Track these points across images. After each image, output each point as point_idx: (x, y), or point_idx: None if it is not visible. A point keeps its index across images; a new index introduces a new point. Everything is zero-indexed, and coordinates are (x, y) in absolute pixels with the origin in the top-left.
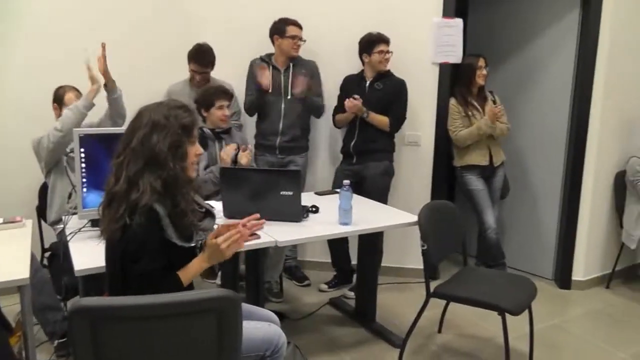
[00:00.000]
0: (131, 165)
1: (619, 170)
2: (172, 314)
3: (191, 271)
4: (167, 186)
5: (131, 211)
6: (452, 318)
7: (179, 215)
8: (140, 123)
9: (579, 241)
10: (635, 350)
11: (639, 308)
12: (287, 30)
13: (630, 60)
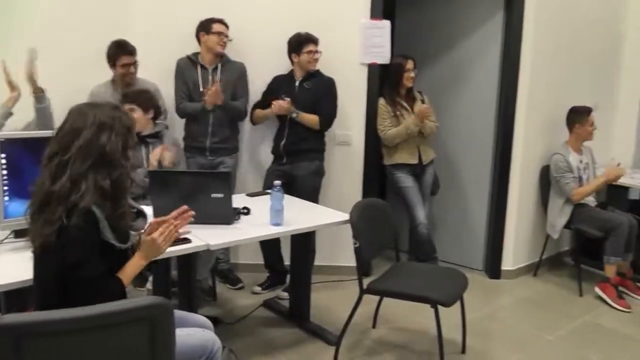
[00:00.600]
0: (77, 164)
1: (543, 166)
2: (101, 325)
3: (130, 272)
4: (115, 187)
5: (69, 213)
6: (386, 313)
7: (119, 217)
8: (85, 122)
9: (507, 233)
10: (562, 333)
11: (563, 293)
12: (212, 27)
13: (552, 62)
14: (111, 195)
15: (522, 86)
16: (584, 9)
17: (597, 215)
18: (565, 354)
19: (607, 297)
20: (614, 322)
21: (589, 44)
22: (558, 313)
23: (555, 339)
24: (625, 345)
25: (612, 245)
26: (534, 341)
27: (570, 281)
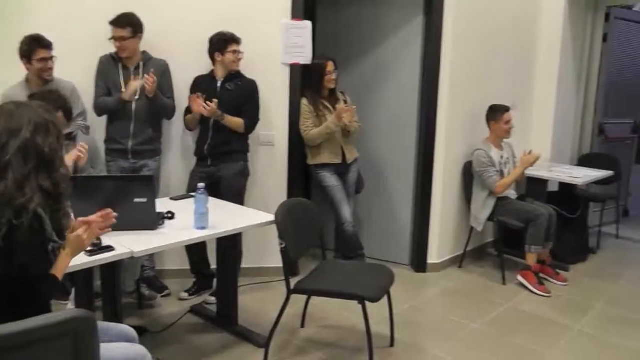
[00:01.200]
0: (19, 166)
1: (466, 161)
2: (20, 344)
3: (61, 268)
4: (57, 188)
5: (16, 215)
6: (315, 312)
7: (62, 217)
8: (20, 123)
9: (432, 227)
10: (486, 320)
11: (488, 282)
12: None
13: (472, 63)
14: (54, 196)
15: (443, 86)
16: (501, 11)
17: (518, 207)
18: (490, 340)
19: (528, 284)
20: (535, 307)
21: (507, 45)
22: (483, 301)
23: (481, 325)
24: (546, 327)
25: (533, 235)
26: (460, 329)
27: (494, 271)
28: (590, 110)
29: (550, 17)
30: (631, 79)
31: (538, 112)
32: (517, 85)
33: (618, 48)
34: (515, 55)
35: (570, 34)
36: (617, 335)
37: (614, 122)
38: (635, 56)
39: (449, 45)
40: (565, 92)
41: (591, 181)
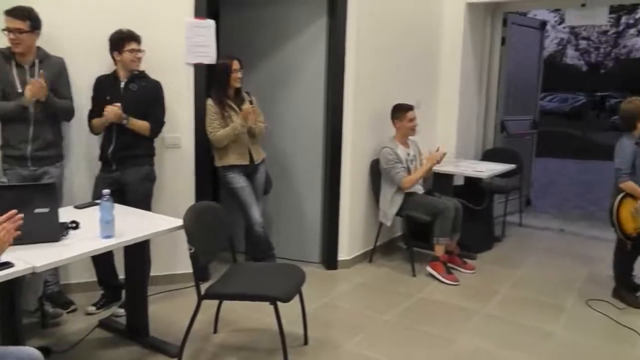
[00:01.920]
0: None
1: (373, 159)
2: None
3: None
4: None
5: None
6: (227, 316)
7: None
8: None
9: (342, 224)
10: (398, 311)
11: (398, 275)
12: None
13: (376, 62)
14: None
15: (348, 85)
16: (403, 13)
17: (426, 201)
18: (402, 330)
19: (437, 274)
20: (445, 296)
21: (410, 46)
22: (394, 294)
23: (392, 317)
24: (455, 314)
25: (440, 227)
26: (372, 323)
27: (404, 264)
28: (492, 108)
29: (451, 21)
30: (528, 79)
31: (442, 110)
32: (421, 85)
33: (515, 51)
34: (419, 56)
35: (470, 37)
36: (521, 315)
37: (515, 118)
38: (531, 58)
39: (353, 46)
40: (467, 91)
41: (495, 174)
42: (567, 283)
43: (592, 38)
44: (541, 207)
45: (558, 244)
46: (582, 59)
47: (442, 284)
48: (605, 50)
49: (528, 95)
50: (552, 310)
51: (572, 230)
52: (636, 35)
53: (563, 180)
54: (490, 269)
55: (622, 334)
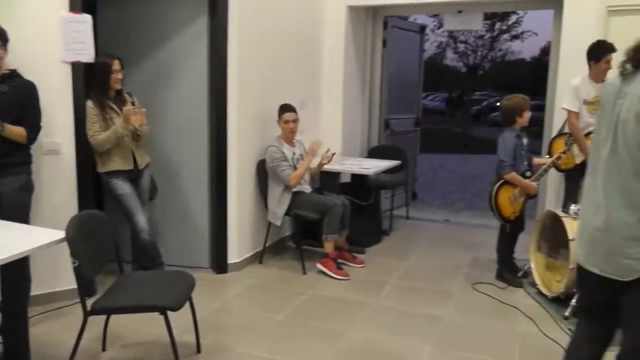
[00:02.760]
0: None
1: (259, 160)
2: None
3: None
4: None
5: None
6: (116, 331)
7: None
8: None
9: (230, 227)
10: (290, 310)
11: (289, 274)
12: None
13: (260, 63)
14: None
15: (232, 85)
16: (284, 13)
17: (313, 199)
18: (295, 328)
19: (328, 271)
20: (336, 291)
21: (293, 46)
22: (285, 293)
23: (285, 317)
24: (347, 308)
25: (328, 224)
26: (265, 324)
27: (294, 262)
28: (375, 107)
29: (333, 22)
30: (410, 79)
31: (327, 109)
32: (305, 84)
33: (397, 52)
34: (302, 56)
35: (352, 39)
36: (411, 304)
37: (398, 117)
38: (412, 60)
39: (235, 45)
40: (351, 91)
41: (380, 171)
42: (453, 270)
43: (470, 42)
44: (427, 200)
45: (444, 233)
46: (461, 60)
47: (333, 280)
48: (482, 53)
49: (410, 94)
50: (440, 296)
51: (456, 220)
52: (509, 40)
53: (446, 174)
54: (379, 262)
55: (505, 311)
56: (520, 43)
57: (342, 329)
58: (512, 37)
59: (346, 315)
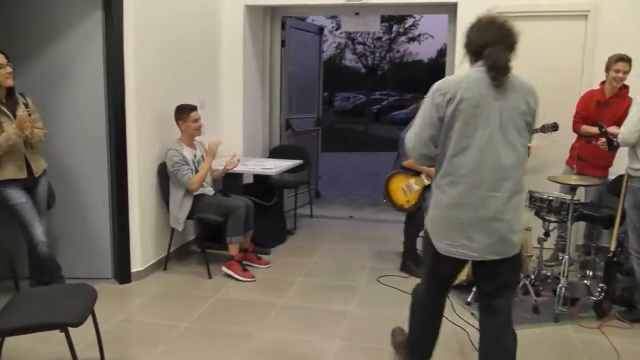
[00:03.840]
0: None
1: (160, 163)
2: None
3: None
4: None
5: None
6: (13, 354)
7: None
8: None
9: (132, 235)
10: (196, 316)
11: (194, 280)
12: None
13: (158, 63)
14: None
15: (129, 86)
16: (183, 12)
17: (216, 202)
18: (202, 334)
19: (233, 273)
20: (242, 293)
21: (191, 46)
22: (191, 299)
23: (192, 323)
24: (254, 309)
25: (232, 226)
26: (171, 332)
27: (199, 267)
28: (276, 107)
29: (231, 22)
30: (310, 79)
31: (227, 110)
32: (204, 85)
33: (296, 53)
34: (201, 56)
35: (251, 39)
36: (318, 301)
37: (299, 117)
38: (311, 60)
39: (131, 46)
40: (251, 91)
41: (283, 171)
42: (358, 265)
43: (368, 43)
44: (330, 198)
45: (348, 230)
46: (360, 61)
47: (239, 282)
48: (380, 54)
49: (311, 94)
50: (346, 291)
51: (360, 216)
52: (407, 42)
53: (349, 172)
54: (285, 262)
55: (408, 301)
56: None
57: (250, 330)
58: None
59: (253, 316)
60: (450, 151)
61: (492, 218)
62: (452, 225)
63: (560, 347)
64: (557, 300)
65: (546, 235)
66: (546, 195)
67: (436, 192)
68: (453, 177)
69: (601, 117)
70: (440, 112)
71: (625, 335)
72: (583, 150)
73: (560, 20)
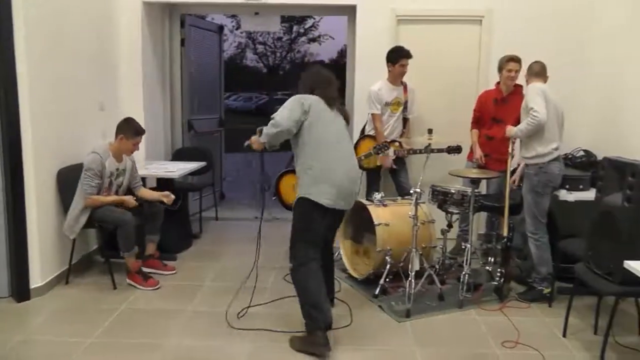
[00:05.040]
0: None
1: (62, 167)
2: None
3: None
4: None
5: None
6: None
7: None
8: None
9: (31, 248)
10: (102, 330)
11: (98, 292)
12: None
13: (52, 64)
14: None
15: (23, 87)
16: (76, 9)
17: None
18: (109, 348)
19: (136, 284)
20: (149, 302)
21: (88, 45)
22: (96, 312)
23: (98, 338)
24: (161, 318)
25: (122, 241)
26: (77, 349)
27: (103, 278)
28: (177, 108)
29: (128, 20)
30: (211, 79)
31: (128, 111)
32: (103, 86)
33: (196, 52)
34: (98, 56)
35: (149, 37)
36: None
37: (201, 117)
38: (212, 59)
39: (22, 46)
40: (151, 92)
41: (186, 173)
42: (266, 265)
43: (269, 43)
44: (235, 199)
45: (254, 231)
46: (261, 61)
47: (145, 292)
48: (281, 54)
49: (212, 95)
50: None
51: (266, 217)
52: (307, 43)
53: (254, 172)
54: (191, 267)
55: None
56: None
57: (158, 341)
58: (310, 40)
59: (161, 325)
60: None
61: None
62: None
63: (465, 330)
64: (461, 287)
65: (449, 227)
66: (448, 189)
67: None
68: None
69: (501, 113)
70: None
71: (525, 315)
72: (486, 147)
73: (457, 25)
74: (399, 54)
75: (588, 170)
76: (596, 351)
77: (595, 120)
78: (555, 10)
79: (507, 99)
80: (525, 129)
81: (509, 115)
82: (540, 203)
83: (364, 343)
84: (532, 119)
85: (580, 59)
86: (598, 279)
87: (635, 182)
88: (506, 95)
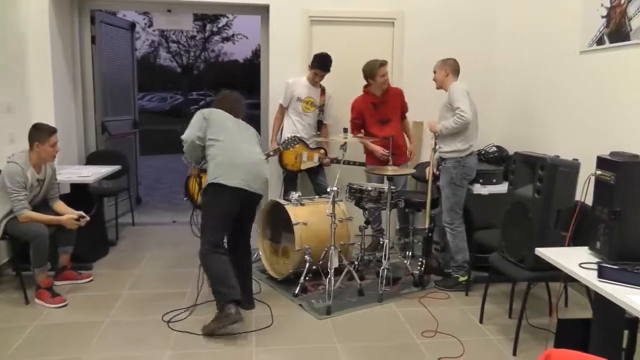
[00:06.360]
0: None
1: None
2: None
3: None
4: None
5: None
6: None
7: None
8: None
9: None
10: (13, 349)
11: (8, 308)
12: None
13: None
14: None
15: None
16: None
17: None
18: None
19: (44, 303)
20: (64, 316)
21: None
22: (7, 331)
23: (10, 358)
24: (79, 331)
25: (34, 256)
26: None
27: (16, 292)
28: (90, 109)
29: (36, 16)
30: (124, 79)
31: (38, 114)
32: (10, 87)
33: (108, 50)
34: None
35: (58, 35)
36: (144, 313)
37: (115, 119)
38: (124, 58)
39: None
40: (62, 93)
41: (101, 177)
42: (186, 270)
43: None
44: (152, 204)
45: (172, 235)
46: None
47: None
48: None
49: (126, 95)
50: (174, 298)
51: (183, 220)
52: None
53: (170, 175)
54: (108, 275)
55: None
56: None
57: (76, 356)
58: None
59: (79, 339)
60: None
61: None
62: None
63: (386, 323)
64: (380, 281)
65: (367, 224)
66: (365, 186)
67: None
68: None
69: (384, 113)
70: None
71: (443, 304)
72: (387, 147)
73: (370, 26)
74: (316, 63)
75: (500, 164)
76: (511, 334)
77: (506, 117)
78: (460, 10)
79: (385, 99)
80: (451, 127)
81: (392, 113)
82: (458, 195)
83: (286, 342)
84: (459, 118)
85: (488, 58)
86: (512, 266)
87: (544, 175)
88: (382, 96)
